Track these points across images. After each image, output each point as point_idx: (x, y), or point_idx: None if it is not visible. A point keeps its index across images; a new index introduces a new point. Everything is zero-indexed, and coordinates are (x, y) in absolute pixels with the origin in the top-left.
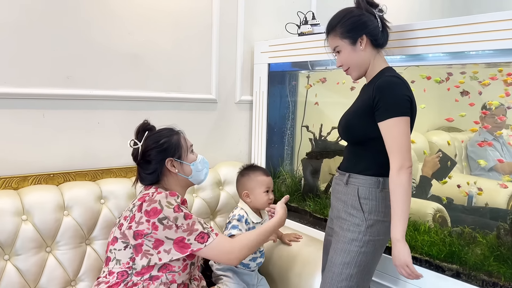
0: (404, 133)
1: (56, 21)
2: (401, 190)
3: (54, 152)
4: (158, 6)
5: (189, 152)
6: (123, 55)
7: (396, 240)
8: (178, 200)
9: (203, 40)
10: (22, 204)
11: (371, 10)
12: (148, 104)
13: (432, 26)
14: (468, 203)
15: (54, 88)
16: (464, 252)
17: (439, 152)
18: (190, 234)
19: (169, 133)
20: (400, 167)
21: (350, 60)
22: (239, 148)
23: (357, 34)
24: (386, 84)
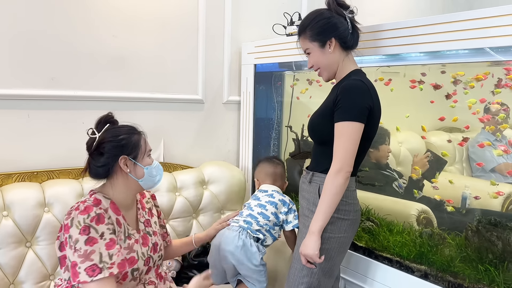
0: (351, 138)
1: (40, 23)
2: (332, 191)
3: (39, 151)
4: (143, 9)
5: (146, 155)
6: (107, 57)
7: (312, 232)
8: (87, 221)
9: (189, 41)
10: (3, 200)
11: (341, 12)
12: (132, 105)
13: (407, 25)
14: (462, 205)
15: (39, 89)
16: (433, 253)
17: (428, 152)
18: (83, 262)
19: (130, 131)
20: (338, 170)
21: (319, 62)
22: (227, 148)
23: (326, 37)
24: (348, 87)
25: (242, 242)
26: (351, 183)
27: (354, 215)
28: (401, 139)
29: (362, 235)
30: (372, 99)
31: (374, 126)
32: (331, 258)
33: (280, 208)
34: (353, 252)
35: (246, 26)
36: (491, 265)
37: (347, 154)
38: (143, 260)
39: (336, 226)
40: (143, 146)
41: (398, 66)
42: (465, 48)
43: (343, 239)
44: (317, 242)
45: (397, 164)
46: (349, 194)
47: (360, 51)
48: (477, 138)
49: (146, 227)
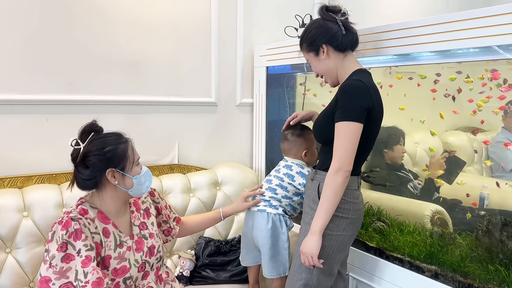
0: (350, 137)
1: (58, 31)
2: (332, 190)
3: (57, 154)
4: (157, 15)
5: (134, 164)
6: (123, 62)
7: (313, 231)
8: (65, 237)
9: (202, 45)
10: (23, 201)
11: (331, 17)
12: (147, 108)
13: (413, 25)
14: (480, 205)
15: (57, 94)
16: (443, 253)
17: (445, 153)
18: (58, 279)
19: (116, 141)
20: (338, 169)
21: (319, 70)
22: (240, 149)
23: (317, 45)
24: (347, 87)
25: (271, 224)
26: (352, 183)
27: (354, 214)
28: (417, 139)
29: (373, 235)
30: (372, 99)
31: (375, 126)
32: (330, 255)
33: (298, 180)
34: (364, 252)
35: (258, 29)
36: (501, 265)
37: (346, 154)
38: (137, 267)
39: (335, 224)
40: (131, 156)
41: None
42: (476, 47)
43: (342, 237)
44: (318, 241)
45: (413, 165)
46: (349, 193)
47: (363, 52)
48: (497, 137)
49: (142, 230)
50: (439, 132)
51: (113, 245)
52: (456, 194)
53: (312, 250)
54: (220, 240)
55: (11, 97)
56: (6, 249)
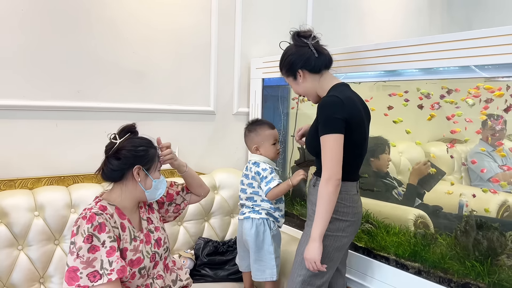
0: (333, 148)
1: (67, 41)
2: (326, 198)
3: (65, 157)
4: (161, 28)
5: (157, 169)
6: (128, 72)
7: (313, 239)
8: (91, 230)
9: (202, 57)
10: (35, 201)
11: (302, 42)
12: (151, 115)
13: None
14: (459, 211)
15: (66, 101)
16: (425, 251)
17: (428, 162)
18: (85, 268)
19: (149, 144)
20: (328, 179)
21: (299, 91)
22: (236, 156)
23: (294, 70)
24: (321, 104)
25: (255, 229)
26: (351, 188)
27: (353, 217)
28: (402, 149)
29: (362, 236)
30: (347, 110)
31: (358, 132)
32: (329, 253)
33: (257, 179)
34: (353, 252)
35: (255, 42)
36: (477, 261)
37: (333, 163)
38: (149, 257)
39: (334, 225)
40: (157, 161)
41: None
42: (455, 66)
43: (341, 238)
44: (319, 247)
45: (398, 173)
46: (348, 197)
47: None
48: (475, 148)
49: (149, 224)
50: (422, 142)
51: (129, 239)
52: (437, 201)
53: (315, 256)
54: (218, 241)
55: (22, 103)
56: (18, 246)
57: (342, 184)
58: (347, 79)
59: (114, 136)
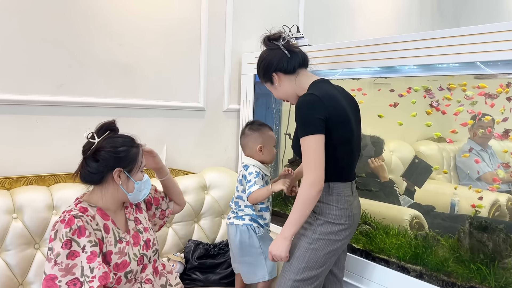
0: (314, 150)
1: (49, 31)
2: (307, 203)
3: (46, 155)
4: (149, 20)
5: (139, 170)
6: (113, 65)
7: (284, 237)
8: (69, 234)
9: (192, 51)
10: (13, 203)
11: (273, 45)
12: (137, 111)
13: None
14: (451, 211)
15: (47, 95)
16: (427, 254)
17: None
18: (64, 276)
19: (130, 144)
20: (311, 184)
21: (279, 96)
22: (227, 155)
23: (268, 75)
24: (298, 104)
25: (239, 235)
26: (344, 189)
27: (347, 220)
28: (392, 148)
29: (360, 238)
30: (326, 108)
31: (342, 129)
32: (319, 258)
33: (243, 183)
34: (350, 254)
35: (245, 37)
36: (483, 264)
37: (315, 166)
38: (136, 260)
39: (325, 229)
40: (139, 161)
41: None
42: (456, 62)
43: (333, 242)
44: (288, 246)
45: (389, 172)
46: (340, 199)
47: (316, 66)
48: (463, 147)
49: (137, 225)
50: (410, 142)
51: (113, 241)
52: (429, 200)
53: (282, 253)
54: (208, 243)
55: (1, 97)
56: None
57: (334, 185)
58: (343, 76)
59: (91, 135)
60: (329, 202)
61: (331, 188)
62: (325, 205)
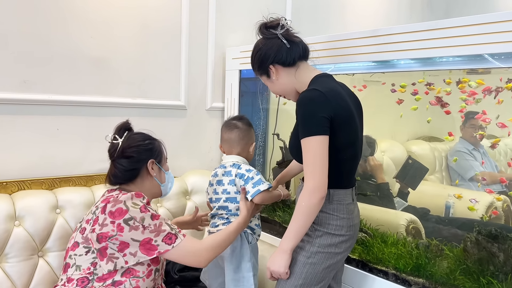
0: (315, 153)
1: (12, 21)
2: (307, 212)
3: (8, 159)
4: (124, 9)
5: (166, 161)
6: (85, 59)
7: (283, 250)
8: (144, 201)
9: (171, 44)
10: None
11: (271, 34)
12: (112, 110)
13: (398, 31)
14: (446, 213)
15: (8, 93)
16: (431, 265)
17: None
18: (158, 235)
19: (151, 137)
20: (312, 190)
21: (276, 91)
22: (210, 156)
23: (264, 67)
24: (300, 100)
25: (231, 244)
26: (345, 196)
27: (348, 230)
28: (384, 148)
29: (355, 247)
30: (331, 105)
31: (347, 130)
32: (317, 273)
33: (238, 183)
34: (346, 265)
35: (230, 30)
36: (493, 277)
37: (317, 171)
38: (162, 263)
39: (325, 241)
40: (163, 153)
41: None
42: (461, 55)
43: (333, 255)
44: (288, 260)
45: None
46: (341, 208)
47: (317, 59)
48: (456, 147)
49: None
50: (401, 141)
51: None
52: (421, 201)
53: (280, 269)
54: None
55: None
56: None
57: (334, 192)
58: (335, 71)
59: (114, 137)
60: (329, 211)
61: (332, 195)
62: (325, 214)
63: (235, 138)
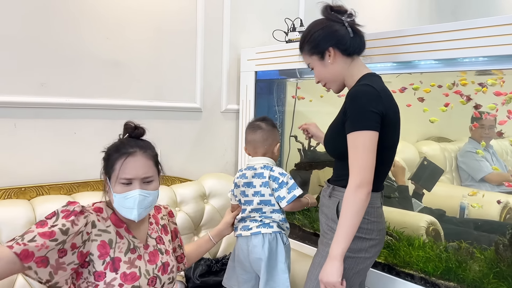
0: (366, 149)
1: (30, 25)
2: (353, 209)
3: (26, 164)
4: (138, 11)
5: (118, 182)
6: (101, 61)
7: (333, 257)
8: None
9: (187, 46)
10: None
11: (337, 18)
12: (129, 113)
13: (423, 32)
14: (460, 215)
15: (27, 96)
16: (462, 268)
17: None
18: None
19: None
20: (358, 186)
21: (323, 75)
22: (225, 159)
23: (323, 48)
24: (354, 93)
25: (268, 245)
26: (376, 200)
27: (378, 234)
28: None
29: (381, 251)
30: (384, 104)
31: (392, 132)
32: (348, 279)
33: (271, 185)
34: (371, 269)
35: (245, 31)
36: None
37: (365, 167)
38: (147, 278)
39: (356, 245)
40: (116, 171)
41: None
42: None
43: (363, 260)
44: (340, 268)
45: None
46: (372, 211)
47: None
48: (465, 147)
49: (158, 244)
50: (411, 142)
51: (125, 249)
52: (435, 203)
53: (333, 278)
54: (210, 259)
55: None
56: None
57: None
58: None
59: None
60: None
61: None
62: None
63: (259, 139)
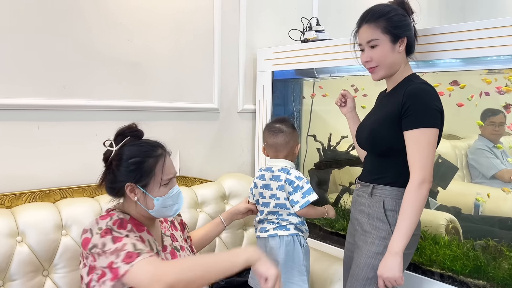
0: (431, 145)
1: (51, 27)
2: (416, 205)
3: (50, 167)
4: (158, 13)
5: (161, 184)
6: (122, 63)
7: (395, 253)
8: (109, 222)
9: (204, 47)
10: (16, 224)
11: (411, 14)
12: (149, 115)
13: (449, 31)
14: (475, 212)
15: (49, 99)
16: (492, 266)
17: None
18: (118, 257)
19: (145, 153)
20: (422, 182)
21: (383, 58)
22: (242, 159)
23: (400, 33)
24: (418, 91)
25: (284, 247)
26: None
27: (418, 229)
28: None
29: None
30: (441, 103)
31: (441, 133)
32: None
33: (287, 189)
34: None
35: (261, 31)
36: None
37: (428, 163)
38: None
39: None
40: (158, 175)
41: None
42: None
43: (409, 256)
44: (401, 263)
45: None
46: None
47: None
48: (475, 145)
49: (173, 241)
50: None
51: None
52: (449, 200)
53: (395, 273)
54: None
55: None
56: None
57: None
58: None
59: (110, 143)
60: None
61: None
62: None
63: (281, 143)
